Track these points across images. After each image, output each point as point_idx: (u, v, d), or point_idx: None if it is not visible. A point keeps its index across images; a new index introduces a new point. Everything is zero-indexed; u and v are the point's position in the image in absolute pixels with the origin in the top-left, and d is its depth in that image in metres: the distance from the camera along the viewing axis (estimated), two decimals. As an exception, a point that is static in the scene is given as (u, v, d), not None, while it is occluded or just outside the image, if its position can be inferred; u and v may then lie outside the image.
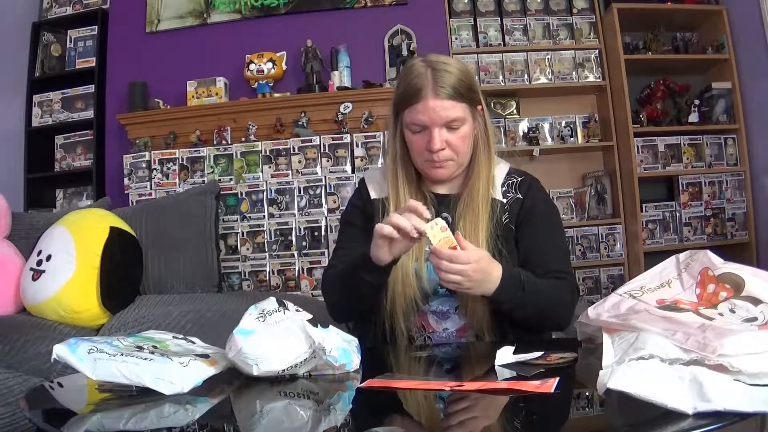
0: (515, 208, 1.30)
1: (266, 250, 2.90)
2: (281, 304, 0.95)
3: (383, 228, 1.07)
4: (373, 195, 1.36)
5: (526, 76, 3.20)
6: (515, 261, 1.27)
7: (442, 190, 1.34)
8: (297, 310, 0.96)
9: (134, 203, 2.95)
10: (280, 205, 2.93)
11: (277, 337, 0.89)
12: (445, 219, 1.29)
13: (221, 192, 2.76)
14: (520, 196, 1.31)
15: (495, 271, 1.12)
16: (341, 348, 0.92)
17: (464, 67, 1.28)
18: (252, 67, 3.11)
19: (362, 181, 1.42)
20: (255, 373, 0.88)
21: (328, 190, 2.91)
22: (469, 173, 1.31)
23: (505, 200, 1.30)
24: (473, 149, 1.29)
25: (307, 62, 3.11)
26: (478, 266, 1.07)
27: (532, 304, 1.17)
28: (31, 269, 1.94)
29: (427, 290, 1.25)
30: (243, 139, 3.04)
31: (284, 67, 3.16)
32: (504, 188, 1.31)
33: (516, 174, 1.35)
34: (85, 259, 1.92)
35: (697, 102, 3.18)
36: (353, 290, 1.19)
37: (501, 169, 1.34)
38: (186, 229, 2.30)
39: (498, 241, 1.25)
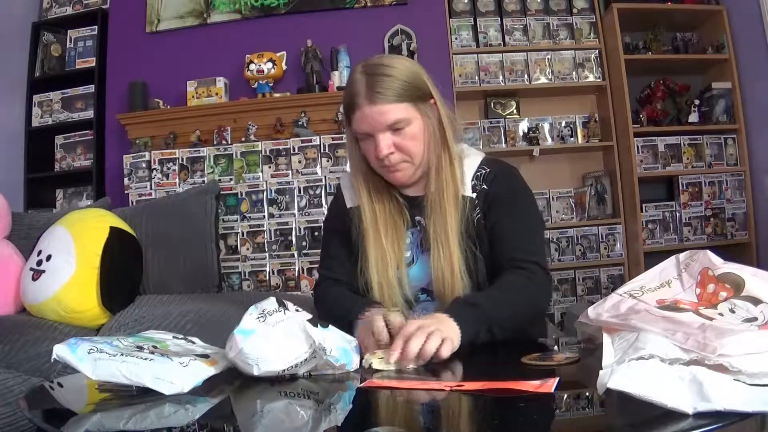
0: (482, 201, 1.23)
1: (266, 250, 2.89)
2: (281, 304, 0.95)
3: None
4: (348, 204, 1.32)
5: (526, 76, 3.20)
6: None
7: (411, 192, 1.28)
8: (297, 310, 0.96)
9: (134, 203, 2.95)
10: (280, 205, 2.93)
11: (278, 337, 0.89)
12: (418, 222, 1.27)
13: (221, 192, 2.76)
14: (486, 186, 1.23)
15: (440, 318, 1.02)
16: (341, 348, 0.92)
17: (408, 65, 1.21)
18: (252, 67, 3.11)
19: (338, 188, 1.38)
20: (255, 373, 0.88)
21: (328, 190, 2.91)
22: (433, 172, 1.23)
23: (474, 195, 1.23)
24: (431, 146, 1.22)
25: (307, 62, 3.11)
26: (427, 321, 0.99)
27: (505, 316, 1.08)
28: (31, 269, 1.94)
29: (409, 297, 1.23)
30: (243, 139, 3.04)
31: (284, 67, 3.16)
32: (473, 182, 1.24)
33: (487, 165, 1.26)
34: (85, 259, 1.92)
35: (697, 102, 3.19)
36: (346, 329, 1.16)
37: (471, 163, 1.26)
38: (186, 229, 2.30)
39: (470, 242, 1.20)
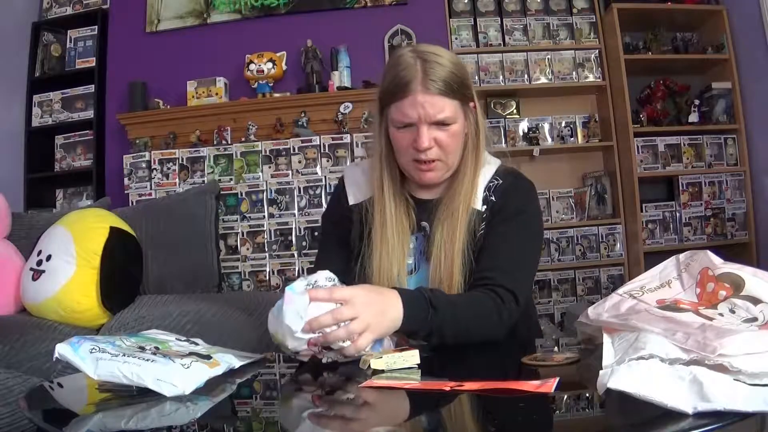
0: (489, 215, 1.18)
1: (266, 250, 2.90)
2: (330, 280, 0.99)
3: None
4: (351, 200, 1.26)
5: (526, 76, 3.20)
6: None
7: (423, 195, 1.24)
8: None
9: (134, 203, 2.95)
10: (280, 205, 2.93)
11: (324, 308, 0.92)
12: (423, 228, 1.22)
13: (221, 192, 2.76)
14: (494, 198, 1.19)
15: (389, 297, 0.98)
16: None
17: (457, 60, 1.16)
18: (252, 67, 3.11)
19: (341, 183, 1.32)
20: (301, 323, 0.90)
21: (328, 190, 2.91)
22: (454, 177, 1.20)
23: (483, 209, 1.18)
24: (463, 151, 1.18)
25: (307, 62, 3.11)
26: (366, 298, 0.93)
27: (450, 325, 1.02)
28: (31, 269, 1.94)
29: None
30: (243, 139, 3.05)
31: (284, 67, 3.16)
32: (485, 194, 1.19)
33: (501, 175, 1.22)
34: (85, 259, 1.92)
35: (697, 102, 3.19)
36: None
37: (486, 173, 1.21)
38: (186, 229, 2.30)
39: (471, 256, 1.15)
